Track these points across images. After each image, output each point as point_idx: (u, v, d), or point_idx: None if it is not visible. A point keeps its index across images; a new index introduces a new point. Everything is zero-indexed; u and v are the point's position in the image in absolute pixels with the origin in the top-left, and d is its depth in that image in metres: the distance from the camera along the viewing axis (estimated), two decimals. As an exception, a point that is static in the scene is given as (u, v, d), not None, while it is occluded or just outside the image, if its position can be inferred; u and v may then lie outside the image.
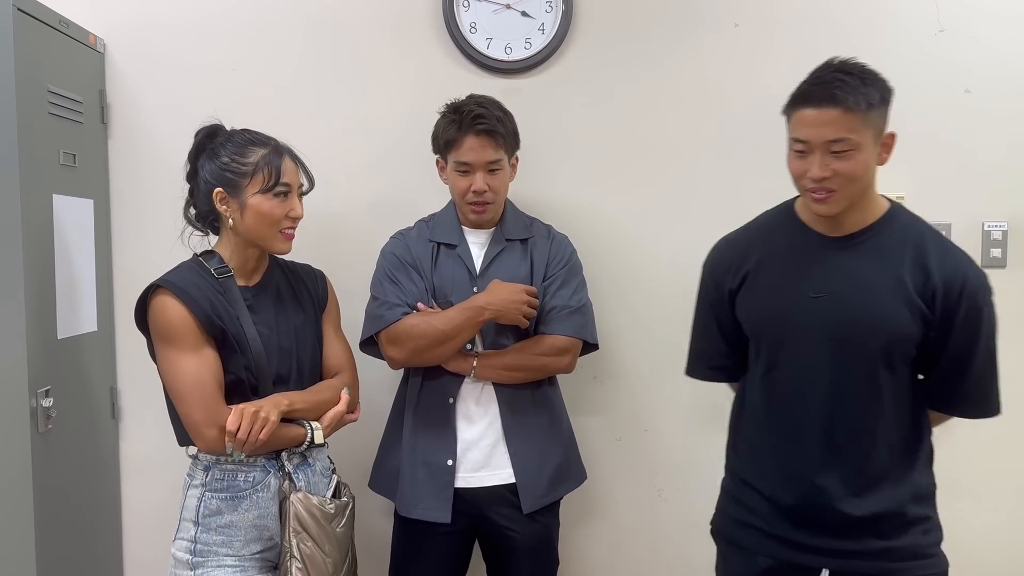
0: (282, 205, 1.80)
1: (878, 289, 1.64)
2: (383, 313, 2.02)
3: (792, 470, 1.70)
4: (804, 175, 1.61)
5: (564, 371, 2.12)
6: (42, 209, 1.99)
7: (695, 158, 2.39)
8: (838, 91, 1.56)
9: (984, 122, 2.45)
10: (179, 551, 1.76)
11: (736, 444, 1.86)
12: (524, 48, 2.39)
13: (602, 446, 2.45)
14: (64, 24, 2.10)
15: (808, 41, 2.41)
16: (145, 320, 1.77)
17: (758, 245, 1.79)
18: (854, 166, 1.58)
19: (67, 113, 2.11)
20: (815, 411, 1.68)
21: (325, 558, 1.75)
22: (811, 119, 1.58)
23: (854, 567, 1.69)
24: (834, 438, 1.67)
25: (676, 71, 2.42)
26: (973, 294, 1.64)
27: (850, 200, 1.62)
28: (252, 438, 1.66)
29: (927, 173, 2.45)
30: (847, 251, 1.67)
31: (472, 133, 2.00)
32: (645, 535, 2.45)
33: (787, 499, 1.71)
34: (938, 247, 1.68)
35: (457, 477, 2.02)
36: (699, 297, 1.89)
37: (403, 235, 2.15)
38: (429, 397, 2.07)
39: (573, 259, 2.15)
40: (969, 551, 2.07)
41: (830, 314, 1.65)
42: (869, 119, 1.58)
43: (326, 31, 2.38)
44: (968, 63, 2.44)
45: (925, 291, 1.63)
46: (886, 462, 1.67)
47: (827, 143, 1.57)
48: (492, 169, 2.04)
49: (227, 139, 1.82)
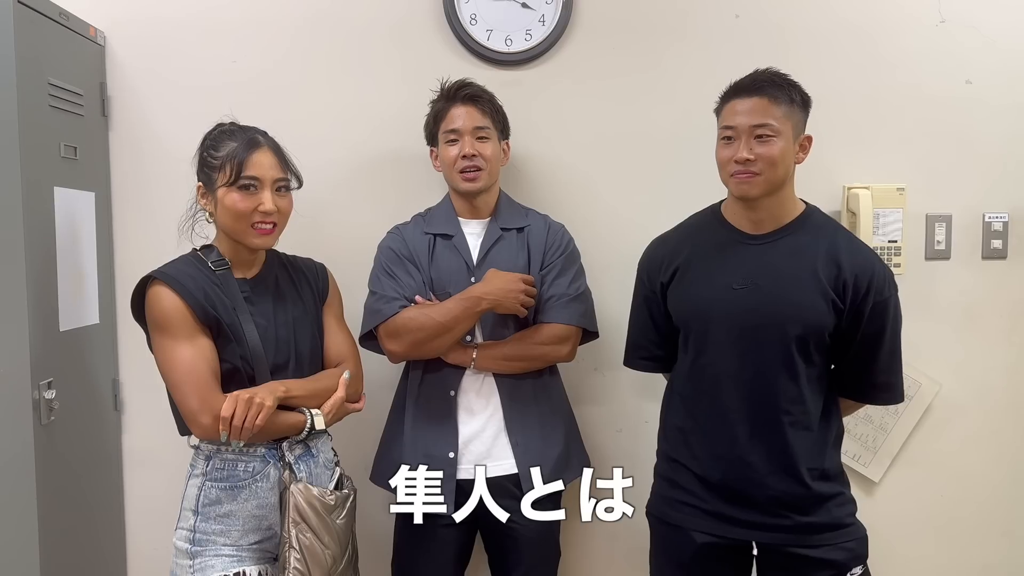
0: (248, 199, 1.77)
1: (795, 281, 1.81)
2: (381, 307, 2.02)
3: (720, 450, 1.86)
4: (730, 160, 1.80)
5: (565, 360, 2.13)
6: (43, 202, 1.99)
7: (696, 149, 2.37)
8: (764, 84, 1.80)
9: (985, 113, 2.45)
10: (179, 540, 1.78)
11: (666, 430, 2.01)
12: (524, 39, 2.39)
13: (603, 437, 2.46)
14: (64, 17, 2.10)
15: (809, 32, 2.42)
16: (141, 312, 1.78)
17: (687, 243, 1.96)
18: (774, 150, 1.77)
19: (68, 106, 2.11)
20: (739, 395, 1.83)
21: (324, 549, 1.76)
22: (739, 108, 1.80)
23: (779, 539, 1.84)
24: (757, 420, 1.83)
25: (677, 62, 2.42)
26: (881, 287, 1.81)
27: (770, 186, 1.80)
28: (247, 424, 1.66)
29: (927, 164, 2.45)
30: (766, 247, 1.85)
31: (458, 101, 2.09)
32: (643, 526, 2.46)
33: (715, 475, 1.86)
34: (849, 244, 1.86)
35: (459, 469, 2.03)
36: (635, 292, 2.08)
37: (399, 229, 2.16)
38: (430, 390, 2.07)
39: (571, 247, 2.16)
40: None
41: (751, 305, 1.82)
42: (790, 113, 1.79)
43: (327, 22, 2.38)
44: (969, 54, 2.44)
45: (837, 284, 1.80)
46: (803, 443, 1.82)
47: (752, 128, 1.77)
48: (480, 137, 2.08)
49: (211, 132, 1.82)
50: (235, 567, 1.76)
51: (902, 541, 2.47)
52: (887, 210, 2.42)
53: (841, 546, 1.83)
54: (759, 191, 1.80)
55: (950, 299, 2.48)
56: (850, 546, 1.84)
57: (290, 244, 1.99)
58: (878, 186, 2.42)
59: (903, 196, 2.43)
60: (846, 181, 2.43)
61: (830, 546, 1.83)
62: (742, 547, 1.89)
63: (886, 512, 2.45)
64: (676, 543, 1.92)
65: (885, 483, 2.51)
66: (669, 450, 1.98)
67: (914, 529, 2.51)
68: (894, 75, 2.45)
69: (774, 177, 1.79)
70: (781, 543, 1.84)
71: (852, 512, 1.88)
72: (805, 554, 1.82)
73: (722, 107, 1.86)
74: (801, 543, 1.83)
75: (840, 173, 2.42)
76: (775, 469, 1.82)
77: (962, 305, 2.49)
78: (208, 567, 1.75)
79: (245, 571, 1.76)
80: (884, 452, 2.49)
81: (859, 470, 2.47)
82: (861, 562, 1.86)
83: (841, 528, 1.85)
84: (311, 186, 2.22)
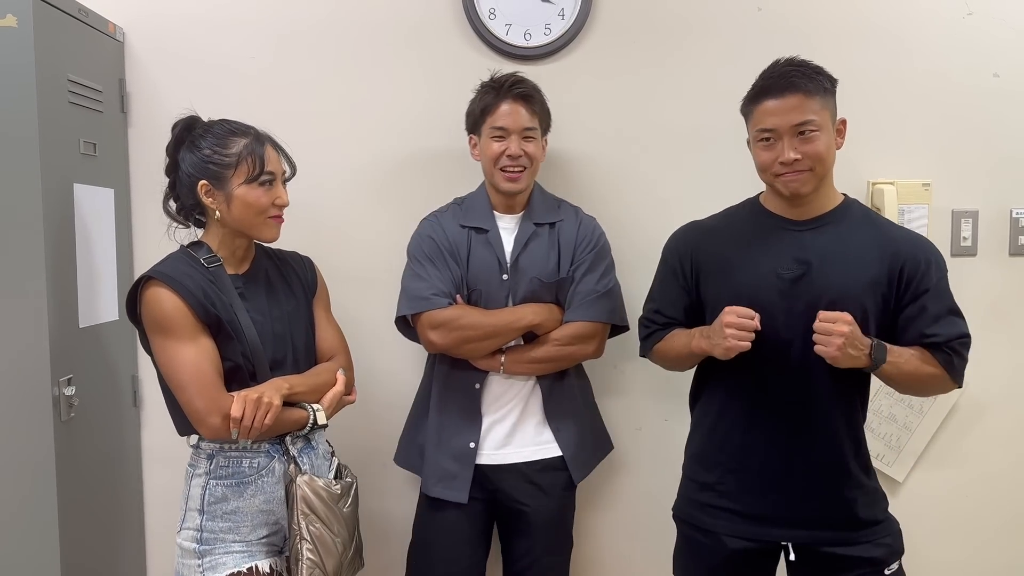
0: (268, 193, 1.80)
1: (842, 265, 1.75)
2: (430, 296, 2.04)
3: (757, 439, 1.81)
4: (774, 162, 1.74)
5: (592, 356, 2.15)
6: (63, 198, 2.00)
7: (718, 144, 2.35)
8: (795, 79, 1.72)
9: (1013, 107, 2.42)
10: (185, 541, 1.78)
11: (699, 426, 1.94)
12: (544, 34, 2.37)
13: (624, 435, 2.44)
14: (84, 13, 2.10)
15: (833, 26, 2.38)
16: (135, 312, 1.77)
17: (724, 230, 1.91)
18: (820, 146, 1.72)
19: (87, 102, 2.11)
20: (786, 383, 1.77)
21: (334, 538, 1.77)
22: (775, 108, 1.72)
23: (818, 537, 1.79)
24: (802, 407, 1.77)
25: (698, 56, 2.40)
26: (927, 271, 1.76)
27: (820, 179, 1.75)
28: (257, 424, 1.67)
29: (954, 159, 2.42)
30: (812, 232, 1.79)
31: (510, 98, 2.05)
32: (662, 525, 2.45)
33: (752, 463, 1.82)
34: (895, 230, 1.83)
35: (479, 455, 2.08)
36: (663, 270, 1.97)
37: (437, 218, 2.15)
38: (456, 382, 2.12)
39: (601, 241, 2.16)
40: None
41: (798, 290, 1.76)
42: (825, 102, 1.74)
43: (346, 17, 2.37)
44: (997, 47, 2.41)
45: (884, 267, 1.75)
46: (844, 433, 1.78)
47: (794, 127, 1.71)
48: (527, 136, 2.06)
49: (206, 130, 1.81)
50: (247, 562, 1.76)
51: (926, 541, 2.44)
52: (912, 206, 2.38)
53: (879, 542, 1.79)
54: (811, 187, 1.75)
55: (976, 296, 2.43)
56: (887, 541, 1.80)
57: (305, 243, 1.99)
58: (903, 181, 2.38)
59: (929, 191, 2.39)
60: (871, 176, 2.40)
61: (869, 543, 1.78)
62: (773, 551, 1.85)
63: (909, 512, 2.38)
64: (706, 547, 1.87)
65: (909, 483, 2.48)
66: (697, 448, 1.94)
67: (938, 529, 2.47)
68: (920, 69, 2.41)
69: (823, 170, 1.75)
70: (818, 542, 1.79)
71: (885, 507, 1.85)
72: (843, 553, 1.77)
73: (752, 109, 1.78)
74: (840, 541, 1.78)
75: (865, 168, 2.38)
76: (818, 457, 1.77)
77: (988, 302, 2.45)
78: (219, 564, 1.75)
79: (257, 566, 1.77)
80: (908, 451, 2.46)
81: (883, 469, 2.43)
82: (898, 557, 1.82)
83: (878, 524, 1.81)
84: (327, 183, 2.23)
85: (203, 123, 1.84)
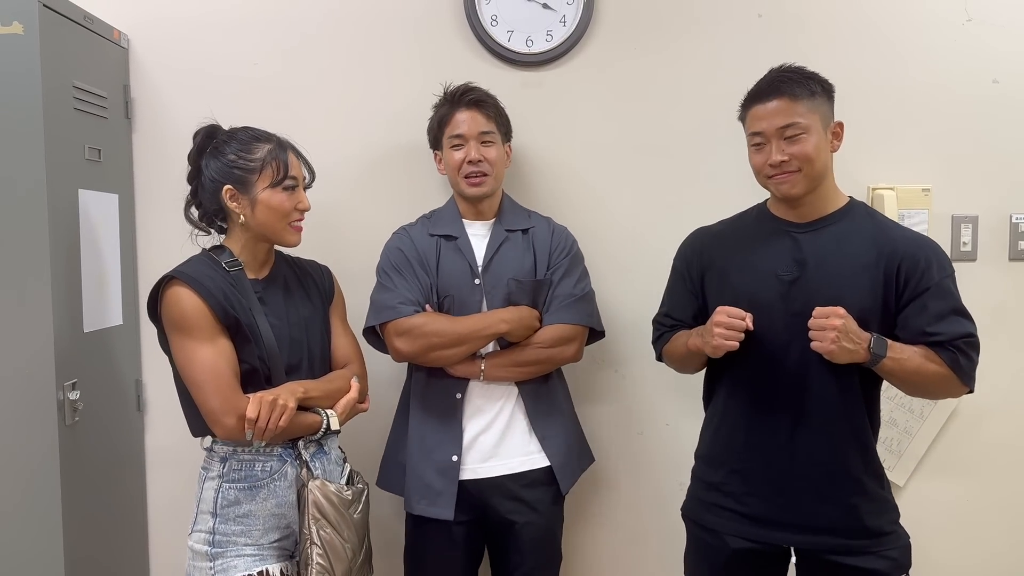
0: (291, 198, 1.84)
1: (842, 267, 1.77)
2: (395, 305, 2.03)
3: (760, 439, 1.82)
4: (764, 165, 1.79)
5: (572, 359, 2.13)
6: (68, 204, 2.01)
7: (719, 150, 2.36)
8: (781, 84, 1.78)
9: (1012, 113, 2.42)
10: (197, 543, 1.78)
11: (705, 428, 1.96)
12: (545, 40, 2.38)
13: (624, 440, 2.44)
14: (89, 20, 2.11)
15: (833, 32, 2.39)
16: (157, 311, 1.79)
17: (730, 235, 1.95)
18: (808, 148, 1.75)
19: (92, 108, 2.13)
20: (785, 383, 1.79)
21: (344, 543, 1.78)
22: (762, 112, 1.78)
23: (820, 543, 1.78)
24: (802, 408, 1.78)
25: (699, 63, 2.41)
26: (928, 270, 1.75)
27: (811, 181, 1.78)
28: (271, 426, 1.69)
29: (953, 164, 2.43)
30: (812, 234, 1.82)
31: (462, 106, 2.10)
32: (657, 534, 2.45)
33: (756, 465, 1.82)
34: (897, 230, 1.83)
35: (463, 470, 2.04)
36: (673, 275, 2.03)
37: (405, 231, 2.17)
38: (435, 393, 2.08)
39: (575, 248, 2.17)
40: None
41: (798, 291, 1.78)
42: (814, 106, 1.77)
43: (348, 23, 2.38)
44: (996, 53, 2.41)
45: (883, 267, 1.75)
46: (848, 436, 1.78)
47: (779, 130, 1.76)
48: (485, 141, 2.09)
49: (230, 137, 1.85)
50: (258, 566, 1.77)
51: (927, 546, 2.42)
52: (912, 211, 2.39)
53: (884, 554, 1.77)
54: (801, 188, 1.78)
55: (976, 301, 2.39)
56: (893, 555, 1.78)
57: (309, 243, 2.00)
58: (903, 187, 2.39)
59: (928, 197, 2.40)
60: (871, 182, 2.40)
61: (873, 554, 1.76)
62: (778, 554, 1.85)
63: (910, 517, 2.36)
64: (711, 547, 1.89)
65: (910, 488, 2.48)
66: (705, 449, 1.94)
67: (939, 534, 2.47)
68: (919, 74, 2.42)
69: (813, 172, 1.77)
70: (820, 548, 1.78)
71: (895, 519, 1.83)
72: (844, 562, 1.76)
73: (745, 115, 1.84)
74: (842, 549, 1.76)
75: (865, 174, 2.39)
76: (820, 458, 1.77)
77: (989, 307, 2.44)
78: (230, 567, 1.76)
79: (268, 569, 1.78)
80: (909, 456, 2.46)
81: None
82: (903, 572, 1.79)
83: (885, 535, 1.78)
84: (330, 185, 2.24)
85: (225, 130, 1.87)
